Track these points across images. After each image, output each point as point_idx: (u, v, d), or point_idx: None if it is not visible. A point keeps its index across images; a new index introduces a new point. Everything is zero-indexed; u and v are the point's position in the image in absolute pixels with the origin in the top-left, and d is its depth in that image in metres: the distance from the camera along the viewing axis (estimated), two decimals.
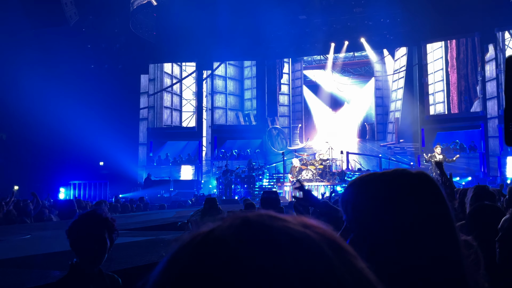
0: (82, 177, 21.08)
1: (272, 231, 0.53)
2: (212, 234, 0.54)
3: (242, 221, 0.55)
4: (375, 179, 1.17)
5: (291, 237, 0.52)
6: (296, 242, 0.52)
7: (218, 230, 0.54)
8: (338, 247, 0.55)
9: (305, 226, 0.55)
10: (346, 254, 0.55)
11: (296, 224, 0.55)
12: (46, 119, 19.09)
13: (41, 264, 4.02)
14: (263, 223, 0.54)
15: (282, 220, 0.55)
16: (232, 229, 0.53)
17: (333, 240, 0.55)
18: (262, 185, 20.34)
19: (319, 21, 22.39)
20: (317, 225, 0.57)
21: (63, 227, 7.09)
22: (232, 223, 0.55)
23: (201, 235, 0.54)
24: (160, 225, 8.65)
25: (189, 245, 0.54)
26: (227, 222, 0.55)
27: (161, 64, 25.01)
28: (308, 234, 0.54)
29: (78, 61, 21.56)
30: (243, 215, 0.56)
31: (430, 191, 1.14)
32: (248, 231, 0.53)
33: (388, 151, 22.25)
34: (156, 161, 24.08)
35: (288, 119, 24.63)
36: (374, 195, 1.14)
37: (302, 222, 0.56)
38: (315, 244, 0.53)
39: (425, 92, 22.23)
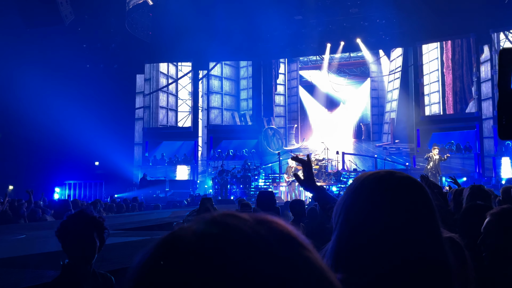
0: (77, 177, 21.04)
1: (226, 229, 0.59)
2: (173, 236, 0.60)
3: (202, 222, 0.61)
4: (364, 180, 1.24)
5: (241, 234, 0.58)
6: (244, 238, 0.58)
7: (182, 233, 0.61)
8: (289, 241, 0.60)
9: (257, 223, 0.61)
10: (297, 246, 0.60)
11: (250, 221, 0.61)
12: (42, 119, 19.01)
13: (36, 264, 4.01)
14: (219, 223, 0.60)
15: (237, 218, 0.61)
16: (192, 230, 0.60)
17: (285, 234, 0.61)
18: (258, 185, 20.33)
19: (315, 22, 22.41)
20: (273, 221, 0.62)
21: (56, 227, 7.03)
22: (194, 224, 0.62)
23: (169, 238, 0.61)
24: (155, 225, 8.63)
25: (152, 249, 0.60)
26: (192, 223, 0.62)
27: (157, 64, 24.97)
28: (258, 230, 0.59)
29: (74, 60, 21.47)
30: (206, 216, 0.62)
31: (415, 193, 1.19)
32: (204, 231, 0.59)
33: (383, 152, 22.30)
34: (151, 161, 24.04)
35: (284, 120, 24.64)
36: (363, 196, 1.20)
37: (257, 218, 0.62)
38: (263, 240, 0.58)
39: (421, 93, 22.29)
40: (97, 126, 20.20)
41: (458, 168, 20.00)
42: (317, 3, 21.58)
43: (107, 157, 21.30)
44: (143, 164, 23.95)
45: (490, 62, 20.66)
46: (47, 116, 19.19)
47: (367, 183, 1.22)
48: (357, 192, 1.21)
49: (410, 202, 1.17)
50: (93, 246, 2.52)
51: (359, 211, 1.18)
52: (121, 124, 22.80)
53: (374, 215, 1.15)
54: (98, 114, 20.63)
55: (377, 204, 1.17)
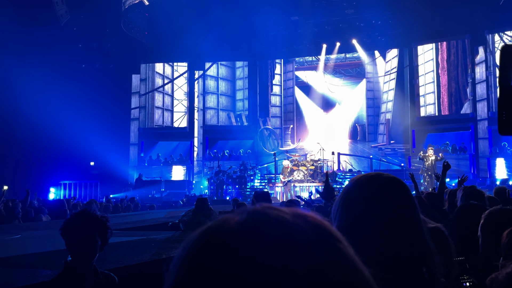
0: (73, 177, 20.97)
1: (266, 219, 0.62)
2: (217, 224, 0.63)
3: (244, 212, 0.64)
4: (357, 180, 1.42)
5: (281, 223, 0.61)
6: (285, 228, 0.61)
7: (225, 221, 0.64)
8: (326, 235, 0.63)
9: (296, 215, 0.64)
10: (331, 237, 0.63)
11: (289, 213, 0.64)
12: (37, 119, 18.95)
13: (32, 264, 4.00)
14: (261, 213, 0.63)
15: (277, 210, 0.64)
16: (235, 219, 0.63)
17: (320, 227, 0.64)
18: (253, 185, 20.34)
19: (311, 22, 22.44)
20: (308, 214, 0.65)
21: (53, 226, 7.06)
22: (237, 214, 0.65)
23: (213, 226, 0.63)
24: (151, 225, 8.63)
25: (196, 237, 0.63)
26: (234, 214, 0.65)
27: (153, 64, 24.93)
28: (297, 221, 0.62)
29: (69, 60, 21.42)
30: (248, 208, 0.66)
31: (398, 189, 1.38)
32: (246, 220, 0.62)
33: (379, 152, 22.36)
34: (147, 161, 24.00)
35: (279, 120, 24.65)
36: (356, 193, 1.38)
37: (295, 212, 0.65)
38: (301, 231, 0.61)
39: (416, 94, 22.36)
40: (92, 126, 20.15)
41: (453, 169, 19.96)
42: (313, 4, 21.60)
43: (103, 157, 21.25)
44: (138, 164, 23.91)
45: (485, 63, 20.77)
46: (43, 116, 19.12)
47: (359, 182, 1.40)
48: (351, 190, 1.39)
49: (394, 196, 1.36)
50: (94, 244, 2.55)
51: (354, 206, 1.35)
52: (116, 124, 22.76)
53: (365, 208, 1.33)
54: (93, 114, 20.57)
55: (367, 198, 1.35)
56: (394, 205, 1.33)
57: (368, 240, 1.26)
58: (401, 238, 1.29)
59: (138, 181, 21.65)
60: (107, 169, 21.47)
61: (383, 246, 1.27)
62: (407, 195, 1.37)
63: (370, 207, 1.32)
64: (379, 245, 1.27)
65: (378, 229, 1.29)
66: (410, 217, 1.34)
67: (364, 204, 1.33)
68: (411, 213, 1.35)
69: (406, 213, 1.34)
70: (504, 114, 1.19)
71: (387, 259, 1.24)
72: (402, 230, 1.30)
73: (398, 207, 1.33)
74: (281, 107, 24.76)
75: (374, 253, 1.21)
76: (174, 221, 8.07)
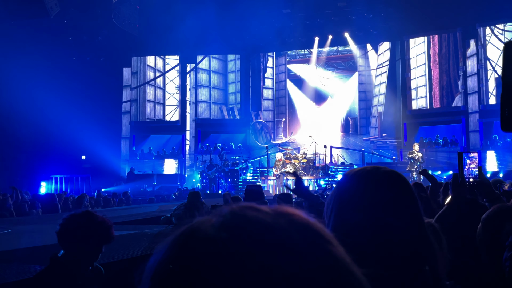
0: (64, 171, 20.85)
1: (245, 222, 0.58)
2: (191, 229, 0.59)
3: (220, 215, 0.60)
4: (353, 175, 1.33)
5: (261, 226, 0.57)
6: (265, 231, 0.56)
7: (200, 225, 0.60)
8: (310, 233, 0.59)
9: (277, 215, 0.59)
10: (319, 238, 0.59)
11: (270, 213, 0.59)
12: (27, 112, 18.79)
13: (22, 258, 3.96)
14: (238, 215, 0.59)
15: (256, 210, 0.59)
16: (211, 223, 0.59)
17: (306, 227, 0.59)
18: (246, 179, 20.34)
19: (303, 15, 22.39)
20: (293, 213, 0.61)
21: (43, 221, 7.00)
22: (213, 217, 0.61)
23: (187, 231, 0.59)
24: (143, 219, 8.60)
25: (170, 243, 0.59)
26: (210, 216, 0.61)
27: (144, 57, 24.78)
28: (279, 222, 0.58)
29: (60, 53, 21.21)
30: (224, 209, 0.61)
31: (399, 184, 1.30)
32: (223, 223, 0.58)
33: (371, 145, 22.42)
34: (139, 155, 23.90)
35: (272, 113, 24.64)
36: (353, 188, 1.29)
37: (276, 210, 0.60)
38: (285, 233, 0.57)
39: (408, 87, 22.43)
40: (83, 120, 20.03)
41: (444, 161, 20.19)
42: None
43: (94, 151, 21.13)
44: (130, 158, 23.81)
45: (476, 57, 20.86)
46: (33, 110, 18.96)
47: (356, 177, 1.31)
48: (347, 186, 1.31)
49: (395, 191, 1.27)
50: (96, 252, 2.51)
51: (350, 203, 1.26)
52: (108, 118, 22.61)
53: (364, 205, 1.24)
54: (84, 108, 20.43)
55: (365, 194, 1.26)
56: (395, 201, 1.26)
57: (368, 239, 1.19)
58: (403, 236, 1.21)
59: (130, 175, 21.57)
60: (99, 163, 21.36)
61: (384, 245, 1.19)
62: (408, 190, 1.30)
63: (369, 204, 1.24)
64: (380, 244, 1.19)
65: (378, 227, 1.21)
66: (412, 213, 1.27)
67: (363, 201, 1.25)
68: (413, 208, 1.28)
69: (408, 209, 1.27)
70: (507, 111, 1.17)
71: (389, 258, 1.18)
72: (405, 227, 1.23)
73: (399, 203, 1.26)
74: (273, 101, 24.74)
75: (374, 252, 1.16)
76: (166, 215, 8.05)
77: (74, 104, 20.14)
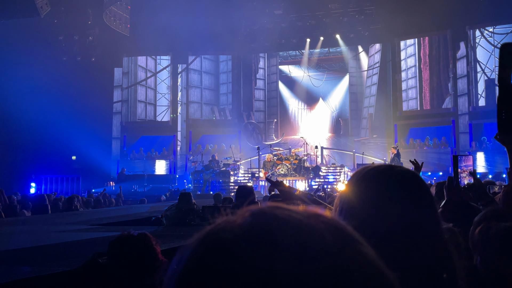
0: (54, 172, 20.69)
1: (276, 221, 0.55)
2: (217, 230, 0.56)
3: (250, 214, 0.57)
4: (365, 174, 1.23)
5: (293, 226, 0.54)
6: (297, 231, 0.54)
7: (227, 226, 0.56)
8: (342, 234, 0.57)
9: (309, 215, 0.57)
10: (351, 241, 0.57)
11: (300, 213, 0.57)
12: (17, 112, 18.64)
13: (10, 260, 3.93)
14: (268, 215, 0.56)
15: (287, 210, 0.57)
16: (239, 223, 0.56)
17: (337, 228, 0.57)
18: (237, 180, 20.32)
19: (295, 17, 22.45)
20: (322, 214, 0.59)
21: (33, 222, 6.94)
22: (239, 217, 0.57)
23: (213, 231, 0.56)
24: (134, 220, 8.57)
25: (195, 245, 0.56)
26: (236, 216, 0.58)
27: (135, 58, 24.68)
28: (310, 223, 0.56)
29: (50, 53, 21.06)
30: (251, 209, 0.58)
31: (417, 189, 1.20)
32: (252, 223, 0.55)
33: (361, 147, 22.51)
34: (130, 155, 23.80)
35: (263, 114, 24.66)
36: (366, 189, 1.19)
37: (306, 211, 0.58)
38: (316, 232, 0.54)
39: (398, 88, 22.56)
40: (74, 120, 19.90)
41: (435, 162, 20.32)
42: None
43: (85, 152, 20.99)
44: (121, 158, 23.70)
45: (466, 59, 21.04)
46: (23, 110, 18.81)
47: (367, 177, 1.22)
48: (357, 188, 1.21)
49: (412, 193, 1.18)
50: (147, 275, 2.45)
51: (362, 207, 1.17)
52: (98, 118, 22.47)
53: (377, 209, 1.15)
54: (75, 108, 20.31)
55: (379, 197, 1.17)
56: (412, 204, 1.17)
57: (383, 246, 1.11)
58: (421, 243, 1.13)
59: (120, 175, 21.46)
60: (89, 164, 21.23)
61: (401, 252, 1.10)
62: (425, 191, 1.20)
63: (383, 207, 1.15)
64: (396, 250, 1.08)
65: (394, 233, 1.12)
66: (430, 217, 1.18)
67: (376, 204, 1.16)
68: (431, 212, 1.19)
69: (426, 213, 1.18)
70: (503, 113, 1.18)
71: (405, 262, 1.08)
72: (423, 233, 1.14)
73: (417, 206, 1.17)
74: (265, 102, 24.77)
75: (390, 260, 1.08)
76: (157, 215, 8.02)
77: (64, 104, 20.02)
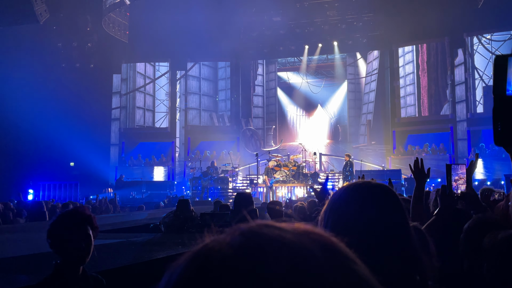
0: (52, 178, 20.64)
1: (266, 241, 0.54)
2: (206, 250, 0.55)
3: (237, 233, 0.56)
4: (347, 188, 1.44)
5: (284, 246, 0.53)
6: (289, 250, 0.53)
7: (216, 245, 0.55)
8: (334, 252, 0.56)
9: (299, 233, 0.56)
10: (343, 258, 0.56)
11: (290, 231, 0.56)
12: (15, 119, 18.62)
13: (7, 269, 3.90)
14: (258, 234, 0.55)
15: (277, 229, 0.56)
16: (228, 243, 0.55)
17: (329, 245, 0.57)
18: (235, 186, 20.29)
19: (293, 24, 22.52)
20: (314, 231, 0.58)
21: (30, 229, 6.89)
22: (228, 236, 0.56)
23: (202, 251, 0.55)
24: (131, 227, 8.53)
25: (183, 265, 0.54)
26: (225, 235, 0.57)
27: (134, 64, 24.70)
28: (301, 241, 0.55)
29: (49, 59, 21.08)
30: (240, 227, 0.57)
31: (387, 195, 1.41)
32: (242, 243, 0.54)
33: (360, 153, 22.52)
34: (128, 162, 23.76)
35: (262, 121, 24.67)
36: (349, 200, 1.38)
37: (297, 229, 0.57)
38: (308, 251, 0.54)
39: (397, 95, 22.60)
40: (72, 127, 19.87)
41: (433, 169, 20.06)
42: (295, 5, 21.69)
43: (83, 158, 20.97)
44: (119, 165, 23.66)
45: (464, 66, 21.10)
46: (21, 116, 18.80)
47: (348, 191, 1.41)
48: (341, 199, 1.40)
49: (383, 201, 1.38)
50: (90, 244, 2.44)
51: (344, 214, 1.35)
52: (97, 125, 22.46)
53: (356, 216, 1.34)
54: (73, 114, 20.29)
55: (357, 206, 1.36)
56: (383, 212, 1.36)
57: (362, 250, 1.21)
58: (394, 245, 1.30)
59: (119, 182, 21.41)
60: (87, 170, 21.20)
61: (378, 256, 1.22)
62: (395, 200, 1.40)
63: (360, 216, 1.33)
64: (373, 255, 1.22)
65: (370, 237, 1.29)
66: (399, 223, 1.37)
67: (354, 214, 1.34)
68: (400, 218, 1.38)
69: (395, 220, 1.36)
70: (499, 125, 1.18)
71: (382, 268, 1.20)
72: (394, 237, 1.32)
73: (387, 214, 1.36)
74: (263, 108, 24.79)
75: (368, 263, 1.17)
76: (155, 222, 7.99)
77: (63, 110, 20.00)
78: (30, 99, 18.95)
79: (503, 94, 1.18)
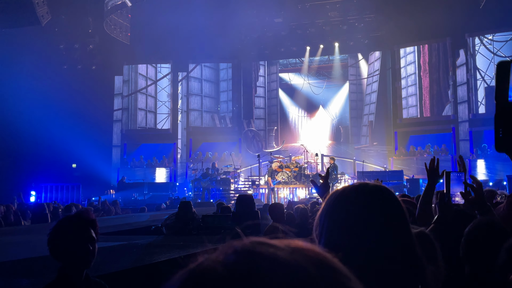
0: (54, 180, 20.65)
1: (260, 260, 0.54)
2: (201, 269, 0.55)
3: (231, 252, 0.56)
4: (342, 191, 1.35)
5: (278, 264, 0.53)
6: (283, 269, 0.53)
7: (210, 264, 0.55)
8: (329, 270, 0.56)
9: (293, 251, 0.56)
10: (337, 275, 0.56)
11: (284, 249, 0.56)
12: (17, 120, 18.65)
13: (8, 273, 3.90)
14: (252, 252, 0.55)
15: (271, 246, 0.56)
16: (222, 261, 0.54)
17: (324, 263, 0.56)
18: (237, 187, 20.29)
19: (295, 25, 22.52)
20: (308, 248, 0.57)
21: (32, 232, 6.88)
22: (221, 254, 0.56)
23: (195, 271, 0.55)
24: (133, 229, 8.52)
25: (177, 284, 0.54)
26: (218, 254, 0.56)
27: (136, 66, 24.73)
28: (295, 259, 0.54)
29: (51, 61, 21.12)
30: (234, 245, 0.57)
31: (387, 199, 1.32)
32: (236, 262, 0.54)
33: (362, 154, 22.50)
34: (130, 163, 23.78)
35: (263, 122, 24.67)
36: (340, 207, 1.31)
37: (290, 246, 0.57)
38: (303, 270, 0.53)
39: (398, 96, 22.58)
40: (74, 128, 19.90)
41: None
42: (297, 6, 21.69)
43: (85, 160, 20.98)
44: (121, 166, 23.68)
45: (466, 66, 21.07)
46: (23, 118, 18.83)
47: (344, 195, 1.33)
48: (336, 204, 1.31)
49: (383, 205, 1.30)
50: (94, 248, 2.44)
51: (340, 220, 1.28)
52: (99, 126, 22.48)
53: (352, 221, 1.26)
54: (75, 116, 20.32)
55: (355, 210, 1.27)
56: (383, 217, 1.28)
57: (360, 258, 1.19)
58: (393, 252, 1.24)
59: (121, 183, 21.42)
60: (89, 172, 21.21)
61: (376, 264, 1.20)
62: (395, 204, 1.32)
63: (358, 221, 1.26)
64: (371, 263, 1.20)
65: (368, 243, 1.23)
66: (400, 228, 1.29)
67: (351, 218, 1.27)
68: (402, 224, 1.30)
69: (396, 224, 1.29)
70: (501, 131, 1.18)
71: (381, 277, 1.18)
72: (394, 243, 1.25)
73: (388, 219, 1.28)
74: (265, 109, 24.79)
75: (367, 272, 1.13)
76: (157, 225, 7.99)
77: (65, 112, 20.03)
78: (32, 101, 18.98)
79: (505, 100, 1.18)
